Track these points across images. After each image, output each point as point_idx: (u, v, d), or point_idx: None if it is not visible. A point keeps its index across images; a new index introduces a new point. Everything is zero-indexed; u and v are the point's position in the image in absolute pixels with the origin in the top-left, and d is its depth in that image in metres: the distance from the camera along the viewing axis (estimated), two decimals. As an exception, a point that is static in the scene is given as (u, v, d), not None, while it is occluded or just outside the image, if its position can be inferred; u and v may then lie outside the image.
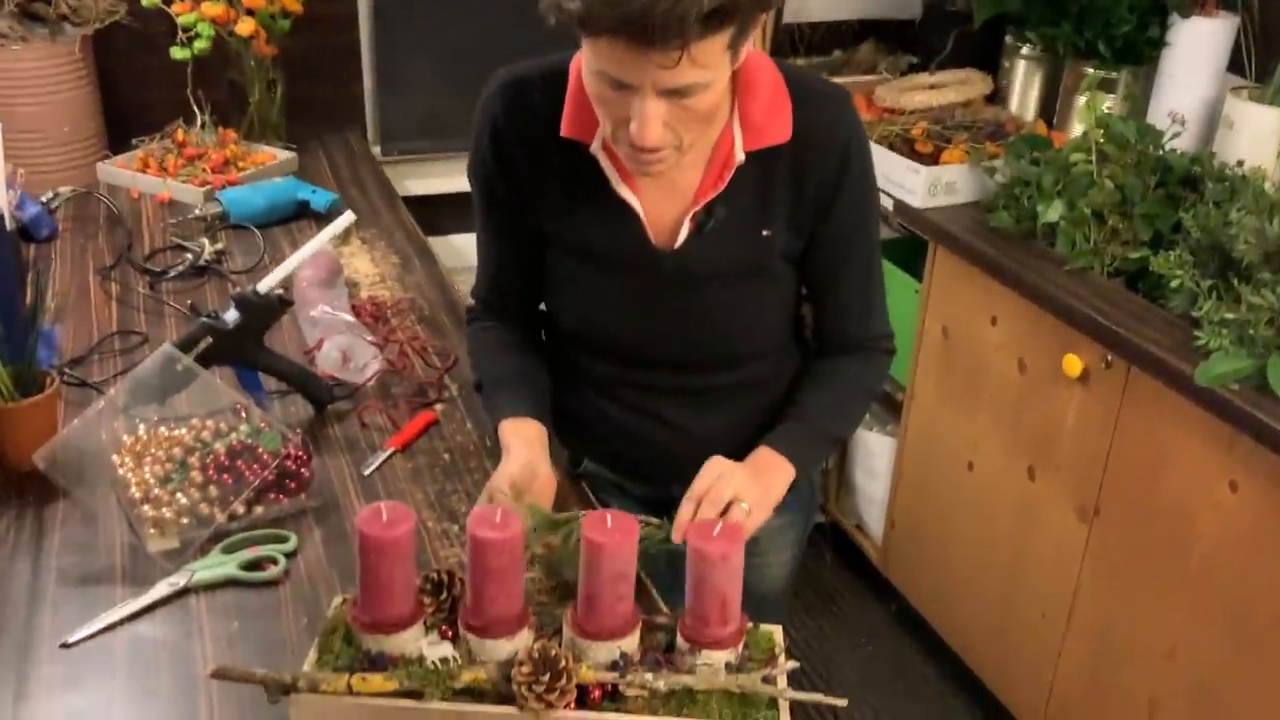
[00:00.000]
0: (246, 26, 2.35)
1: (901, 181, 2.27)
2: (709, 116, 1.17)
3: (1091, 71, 2.36)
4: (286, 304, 1.56)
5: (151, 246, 2.11)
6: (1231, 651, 1.77)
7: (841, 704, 1.07)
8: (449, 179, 2.79)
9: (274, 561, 1.29)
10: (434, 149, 2.86)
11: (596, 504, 1.46)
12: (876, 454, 2.64)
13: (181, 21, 2.32)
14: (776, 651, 1.11)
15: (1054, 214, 2.03)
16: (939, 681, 2.53)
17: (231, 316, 1.50)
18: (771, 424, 1.38)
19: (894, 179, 2.28)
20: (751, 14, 1.09)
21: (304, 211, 2.26)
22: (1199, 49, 2.18)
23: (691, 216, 1.29)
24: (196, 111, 2.45)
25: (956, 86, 2.52)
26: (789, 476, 1.32)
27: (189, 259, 2.00)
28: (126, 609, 1.22)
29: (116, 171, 2.38)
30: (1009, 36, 2.59)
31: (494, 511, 1.05)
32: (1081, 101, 2.32)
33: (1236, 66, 2.20)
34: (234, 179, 2.32)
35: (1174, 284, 1.82)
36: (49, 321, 1.74)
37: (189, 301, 1.80)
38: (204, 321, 1.48)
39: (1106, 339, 1.87)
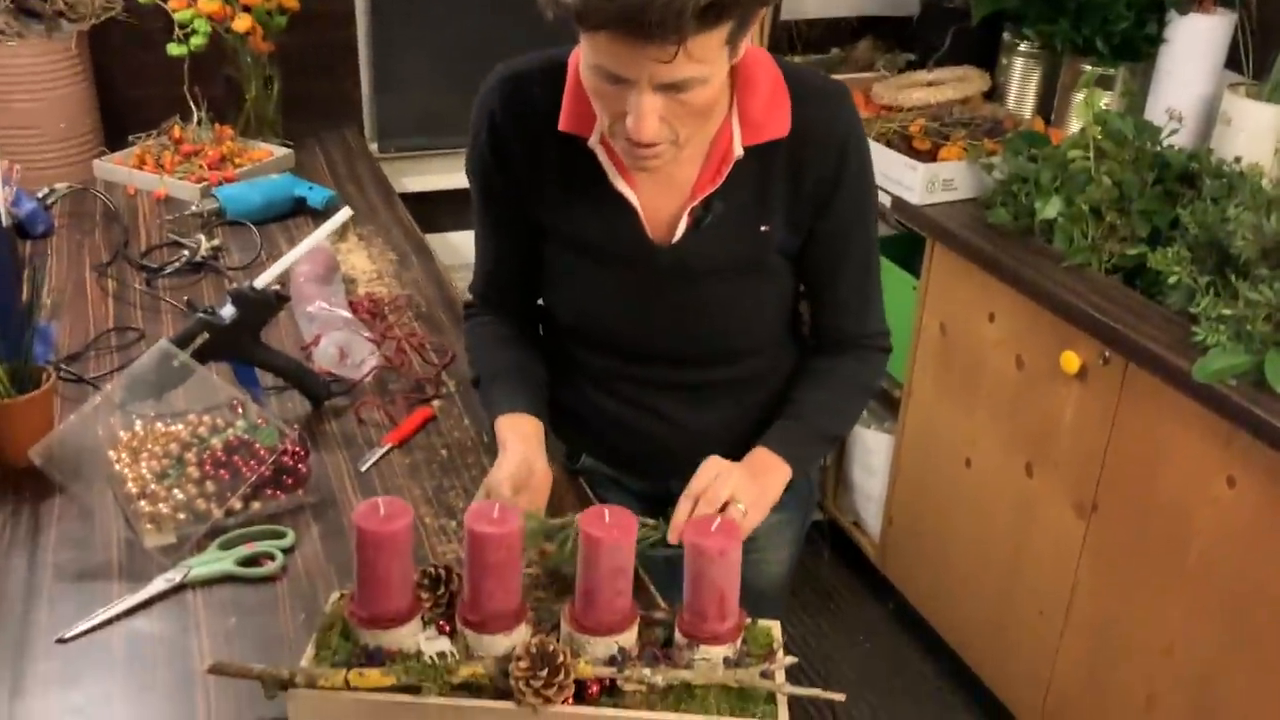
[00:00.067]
0: (243, 23, 2.35)
1: (899, 178, 2.27)
2: (706, 112, 1.17)
3: (1089, 68, 2.36)
4: (283, 300, 1.56)
5: (148, 243, 2.10)
6: (1229, 647, 1.77)
7: (840, 699, 1.07)
8: (446, 176, 2.79)
9: (271, 557, 1.29)
10: (431, 146, 2.87)
11: (594, 500, 1.46)
12: (874, 451, 2.63)
13: (178, 18, 2.32)
14: (775, 647, 1.11)
15: (1052, 210, 2.03)
16: (937, 678, 2.53)
17: (228, 312, 1.49)
18: (769, 419, 1.38)
19: (892, 176, 2.27)
20: (749, 9, 1.09)
21: (301, 208, 2.26)
22: (1197, 46, 2.18)
23: (689, 211, 1.28)
24: (193, 108, 2.45)
25: (954, 83, 2.52)
26: (785, 477, 1.32)
27: (185, 255, 2.00)
28: (123, 605, 1.22)
29: (113, 168, 2.38)
30: (1007, 33, 2.59)
31: (492, 507, 1.05)
32: (1079, 98, 2.32)
33: (1234, 63, 2.20)
34: (231, 175, 2.32)
35: (1172, 280, 1.82)
36: (45, 318, 1.74)
37: (185, 298, 1.80)
38: (201, 317, 1.48)
39: (1104, 335, 1.87)
